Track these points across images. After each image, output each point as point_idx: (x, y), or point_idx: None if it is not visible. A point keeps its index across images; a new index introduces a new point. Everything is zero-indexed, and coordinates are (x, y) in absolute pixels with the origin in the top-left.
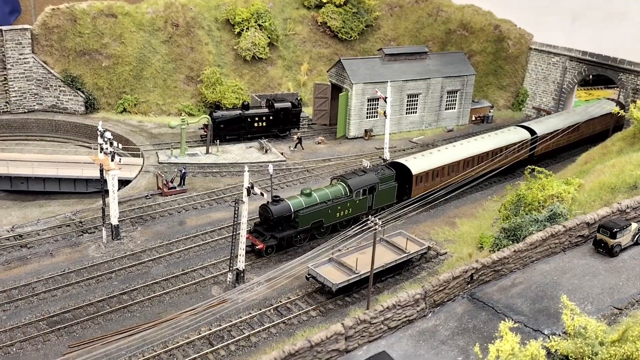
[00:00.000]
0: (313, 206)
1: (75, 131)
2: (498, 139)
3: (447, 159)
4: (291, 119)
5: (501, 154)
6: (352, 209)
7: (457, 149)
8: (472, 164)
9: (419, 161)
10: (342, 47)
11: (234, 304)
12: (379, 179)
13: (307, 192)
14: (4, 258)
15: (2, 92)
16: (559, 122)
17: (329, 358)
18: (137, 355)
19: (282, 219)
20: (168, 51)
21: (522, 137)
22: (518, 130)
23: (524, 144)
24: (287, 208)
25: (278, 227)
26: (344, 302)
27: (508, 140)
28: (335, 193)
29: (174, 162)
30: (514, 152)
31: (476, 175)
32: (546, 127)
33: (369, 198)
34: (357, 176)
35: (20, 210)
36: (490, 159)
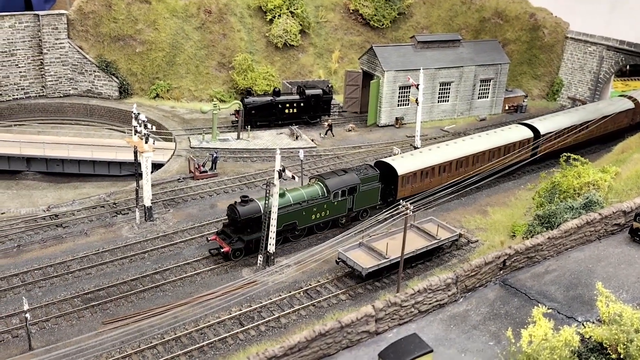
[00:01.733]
0: (285, 207)
1: (109, 116)
2: (496, 138)
3: (437, 158)
4: (322, 106)
5: (499, 154)
6: (330, 210)
7: (450, 148)
8: (466, 165)
9: (407, 161)
10: (374, 35)
11: (263, 286)
12: (360, 179)
13: (280, 192)
14: (40, 237)
15: (39, 77)
16: (565, 120)
17: (359, 339)
18: (169, 333)
19: (251, 220)
20: (200, 38)
21: (523, 136)
22: (519, 129)
23: (525, 142)
24: (257, 209)
25: (246, 229)
26: (374, 286)
27: (507, 139)
28: (311, 194)
29: (205, 147)
30: (513, 152)
31: (470, 176)
32: (551, 126)
33: (348, 199)
34: (336, 176)
35: (56, 191)
36: (487, 160)
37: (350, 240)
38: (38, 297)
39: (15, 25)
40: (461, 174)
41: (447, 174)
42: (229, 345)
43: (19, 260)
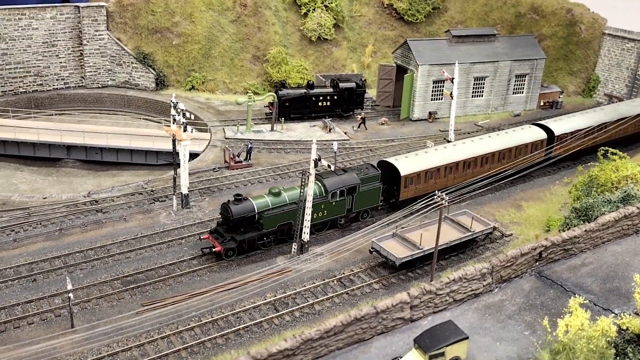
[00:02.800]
0: (281, 207)
1: (146, 107)
2: (507, 139)
3: (443, 159)
4: (355, 99)
5: (510, 156)
6: (328, 211)
7: (457, 148)
8: (473, 166)
9: (411, 161)
10: (408, 30)
11: (297, 273)
12: (360, 179)
13: (276, 192)
14: (81, 221)
15: (78, 67)
16: (582, 121)
17: (394, 326)
18: (206, 316)
19: (244, 219)
20: (236, 31)
21: (536, 137)
22: (533, 130)
23: (539, 144)
24: (250, 208)
25: (239, 228)
26: (407, 276)
27: (519, 140)
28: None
29: (239, 138)
30: (525, 154)
31: (479, 178)
32: (566, 127)
33: (347, 200)
34: (335, 175)
35: (95, 179)
36: (496, 161)
37: (383, 230)
38: (79, 278)
39: (57, 17)
40: (468, 176)
41: (454, 176)
42: (264, 330)
43: (61, 243)
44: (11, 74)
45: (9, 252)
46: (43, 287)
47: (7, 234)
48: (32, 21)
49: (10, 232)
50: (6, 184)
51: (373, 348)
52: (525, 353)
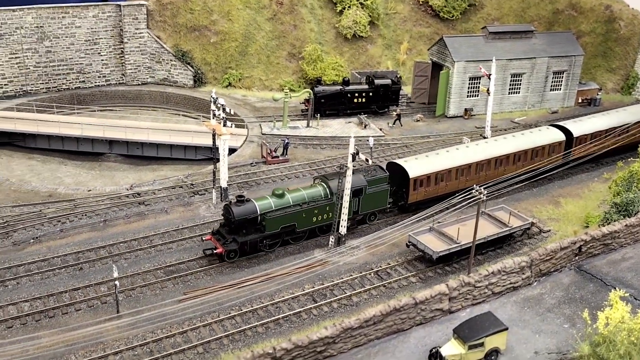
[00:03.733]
0: (284, 209)
1: (184, 103)
2: (523, 140)
3: (455, 161)
4: (390, 96)
5: (526, 158)
6: (333, 213)
7: (470, 150)
8: (487, 168)
9: (420, 162)
10: (443, 27)
11: (334, 265)
12: (367, 181)
13: (279, 193)
14: (124, 213)
15: (119, 65)
16: (603, 122)
17: (433, 317)
18: (246, 305)
19: (246, 221)
20: (272, 28)
21: (553, 138)
22: (550, 131)
23: (556, 146)
24: (253, 210)
25: (241, 230)
26: (444, 270)
27: (535, 142)
28: (313, 195)
29: (276, 134)
30: (542, 156)
31: (493, 181)
32: (586, 128)
33: (354, 202)
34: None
35: (136, 173)
36: (511, 164)
37: (419, 224)
38: (124, 267)
39: (99, 15)
40: (482, 179)
41: (466, 178)
42: (303, 320)
43: (105, 234)
44: (55, 71)
45: (56, 242)
46: (89, 276)
47: (54, 224)
48: (75, 19)
49: (57, 223)
50: (51, 177)
51: (412, 338)
52: (565, 345)
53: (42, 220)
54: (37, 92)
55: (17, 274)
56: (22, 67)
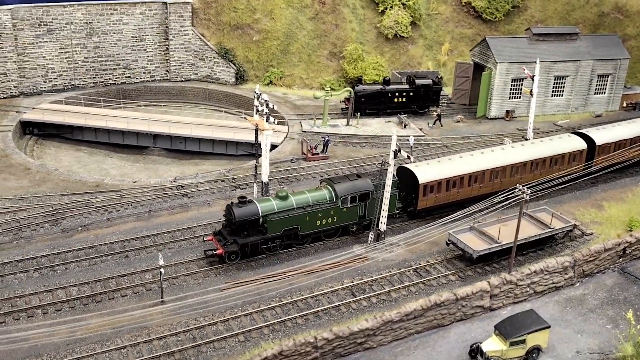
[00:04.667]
0: (287, 211)
1: (226, 100)
2: (542, 148)
3: (468, 167)
4: (431, 96)
5: (544, 167)
6: (338, 217)
7: (485, 156)
8: (502, 176)
9: (432, 168)
10: (486, 28)
11: (373, 261)
12: (374, 185)
13: (283, 195)
14: (168, 204)
15: (164, 62)
16: (627, 130)
17: (473, 313)
18: (286, 297)
19: (247, 223)
20: (314, 28)
21: (574, 147)
22: (572, 139)
23: (577, 155)
24: (254, 211)
25: (242, 231)
26: (484, 270)
27: (555, 149)
28: (317, 198)
29: (316, 132)
30: (562, 165)
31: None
32: (609, 136)
33: (360, 206)
34: (347, 181)
35: (179, 166)
36: (528, 172)
37: (459, 223)
38: (168, 257)
39: (145, 12)
40: (496, 186)
41: (479, 185)
42: (342, 313)
43: (150, 224)
44: (102, 66)
45: (103, 230)
46: (134, 263)
47: (101, 213)
48: (123, 16)
49: (104, 212)
50: (98, 169)
51: (452, 334)
52: (607, 346)
53: (89, 209)
54: (84, 86)
55: (65, 259)
56: (71, 61)
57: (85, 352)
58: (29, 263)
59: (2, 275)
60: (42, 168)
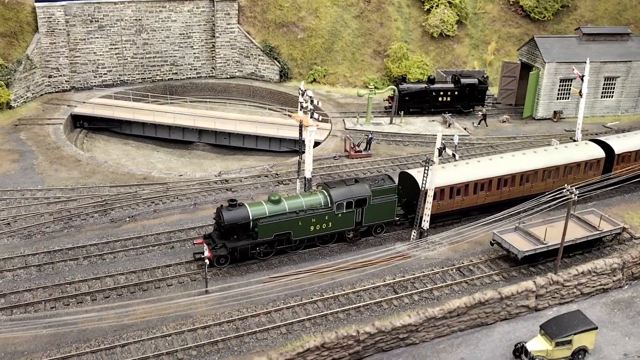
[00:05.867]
0: (279, 215)
1: (269, 97)
2: (555, 155)
3: (474, 174)
4: (476, 95)
5: (558, 175)
6: (333, 223)
7: (493, 163)
8: (511, 184)
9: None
10: (534, 28)
11: (415, 259)
12: (371, 191)
13: (275, 199)
14: (212, 197)
15: (210, 59)
16: None
17: (518, 313)
18: (328, 292)
19: (237, 227)
20: (358, 26)
21: (591, 155)
22: (589, 147)
23: (594, 164)
24: (245, 215)
25: (232, 235)
26: (529, 271)
27: (569, 157)
28: (311, 203)
29: (359, 129)
30: (577, 174)
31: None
32: (630, 145)
33: (356, 212)
34: (344, 185)
35: (223, 162)
36: (539, 180)
37: (502, 223)
38: None
39: (193, 10)
40: (505, 195)
41: (486, 193)
42: (383, 309)
43: (195, 216)
44: (150, 62)
45: (149, 221)
46: (180, 254)
47: (148, 205)
48: (171, 13)
49: (151, 204)
50: (145, 162)
51: (495, 332)
52: None
53: (137, 200)
54: (133, 82)
55: (114, 248)
56: (120, 57)
57: (132, 338)
58: (79, 251)
59: (53, 262)
60: (92, 160)
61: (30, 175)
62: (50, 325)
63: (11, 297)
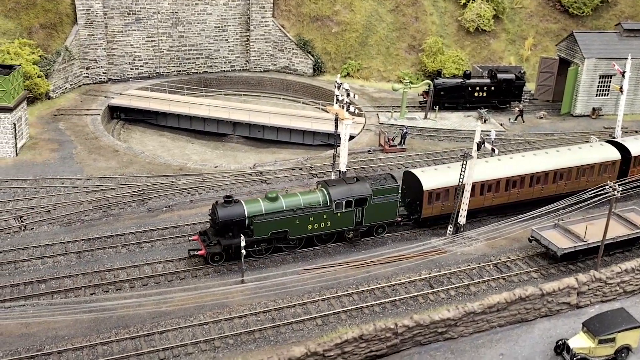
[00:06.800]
0: (275, 213)
1: (303, 91)
2: (567, 157)
3: (480, 175)
4: (513, 91)
5: (570, 177)
6: (331, 222)
7: (502, 164)
8: (520, 186)
9: (439, 174)
10: (572, 23)
11: (452, 255)
12: (372, 190)
13: (273, 196)
14: (247, 189)
15: (244, 52)
16: None
17: (559, 310)
18: (363, 285)
19: (232, 224)
20: (393, 20)
21: (606, 157)
22: (604, 148)
23: (609, 166)
24: (240, 212)
25: (227, 232)
26: (567, 269)
27: (582, 159)
28: (310, 201)
29: (393, 124)
30: (591, 176)
31: (525, 199)
32: None
33: (356, 212)
34: (344, 184)
35: (257, 154)
36: (550, 182)
37: (539, 220)
38: None
39: (229, 3)
40: (513, 196)
41: (493, 195)
42: (419, 303)
43: None
44: (186, 55)
45: (186, 212)
46: None
47: (184, 195)
48: (207, 7)
49: (187, 194)
50: (180, 154)
51: (536, 329)
52: None
53: (173, 191)
54: (168, 74)
55: (151, 237)
56: (156, 50)
57: (170, 325)
58: (117, 239)
59: (92, 250)
60: (129, 150)
61: (69, 164)
62: (90, 310)
63: (52, 282)
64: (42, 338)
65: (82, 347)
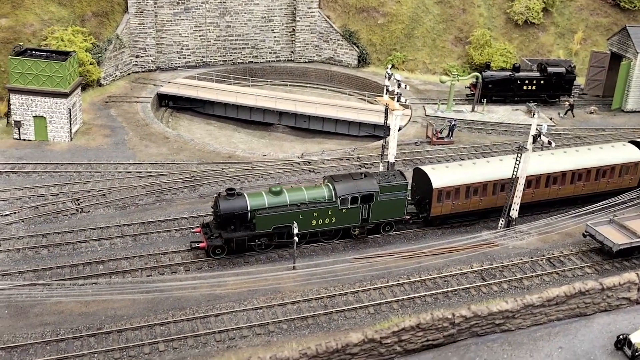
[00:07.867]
0: (278, 207)
1: (347, 82)
2: (587, 157)
3: (493, 174)
4: (563, 85)
5: (588, 178)
6: (337, 218)
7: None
8: (535, 186)
9: (450, 171)
10: (624, 17)
11: (503, 248)
12: (379, 187)
13: (277, 190)
14: (296, 178)
15: (290, 42)
16: None
17: (618, 305)
18: (414, 275)
19: (234, 217)
20: (440, 12)
21: (628, 157)
22: (626, 148)
23: (631, 167)
24: (242, 205)
25: (229, 225)
26: (622, 265)
27: (602, 159)
28: (314, 196)
29: (439, 116)
30: (611, 177)
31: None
32: None
33: (362, 209)
34: (350, 180)
35: (302, 144)
36: (567, 183)
37: (594, 215)
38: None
39: None
40: (527, 197)
41: (507, 194)
42: (472, 295)
43: None
44: (232, 45)
45: None
46: None
47: (234, 182)
48: None
49: (237, 182)
50: (227, 142)
51: (595, 324)
52: None
53: (223, 178)
54: (215, 64)
55: None
56: (204, 39)
57: (224, 309)
58: (171, 223)
59: (147, 233)
60: (179, 138)
61: (122, 150)
62: (147, 291)
63: (109, 263)
64: (101, 317)
65: (141, 327)
